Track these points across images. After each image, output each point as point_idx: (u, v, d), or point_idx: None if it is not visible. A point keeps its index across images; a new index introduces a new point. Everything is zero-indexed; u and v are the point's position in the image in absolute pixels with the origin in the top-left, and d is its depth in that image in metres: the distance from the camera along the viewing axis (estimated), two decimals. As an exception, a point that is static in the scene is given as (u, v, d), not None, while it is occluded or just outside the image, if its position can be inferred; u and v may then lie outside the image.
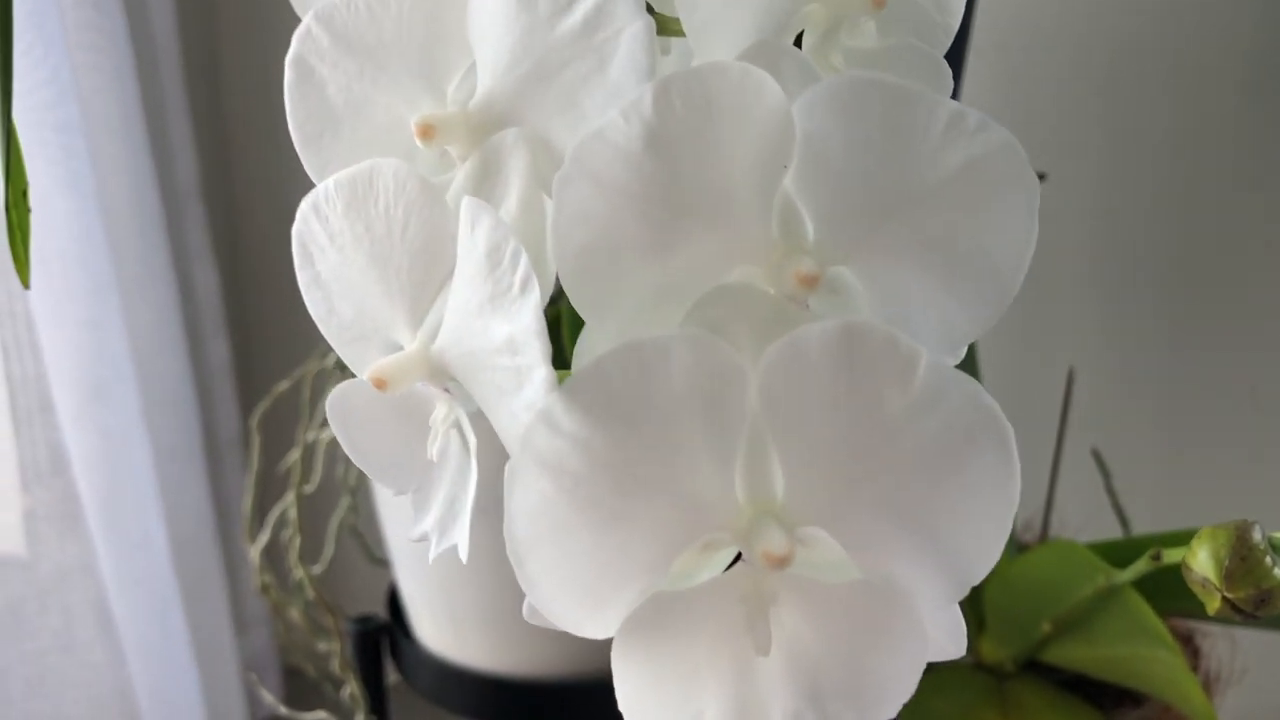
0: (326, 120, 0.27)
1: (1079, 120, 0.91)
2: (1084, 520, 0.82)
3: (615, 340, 0.25)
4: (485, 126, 0.26)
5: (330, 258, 0.27)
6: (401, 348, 0.27)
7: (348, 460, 0.82)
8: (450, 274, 0.26)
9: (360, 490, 0.86)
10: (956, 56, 0.59)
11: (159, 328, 1.08)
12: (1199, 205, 0.90)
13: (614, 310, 0.25)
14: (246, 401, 1.31)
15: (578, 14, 0.24)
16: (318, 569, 0.85)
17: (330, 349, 0.81)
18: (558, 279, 0.25)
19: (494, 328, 0.23)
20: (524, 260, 0.23)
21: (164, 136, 1.16)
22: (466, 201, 0.24)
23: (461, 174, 0.26)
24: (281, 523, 0.76)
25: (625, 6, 0.24)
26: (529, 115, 0.25)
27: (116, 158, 1.03)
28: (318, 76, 0.27)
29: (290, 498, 0.73)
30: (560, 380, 0.23)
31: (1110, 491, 0.79)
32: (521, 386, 0.23)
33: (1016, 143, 0.25)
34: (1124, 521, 0.79)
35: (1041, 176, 0.81)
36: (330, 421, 0.28)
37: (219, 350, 1.28)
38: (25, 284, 0.39)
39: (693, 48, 0.26)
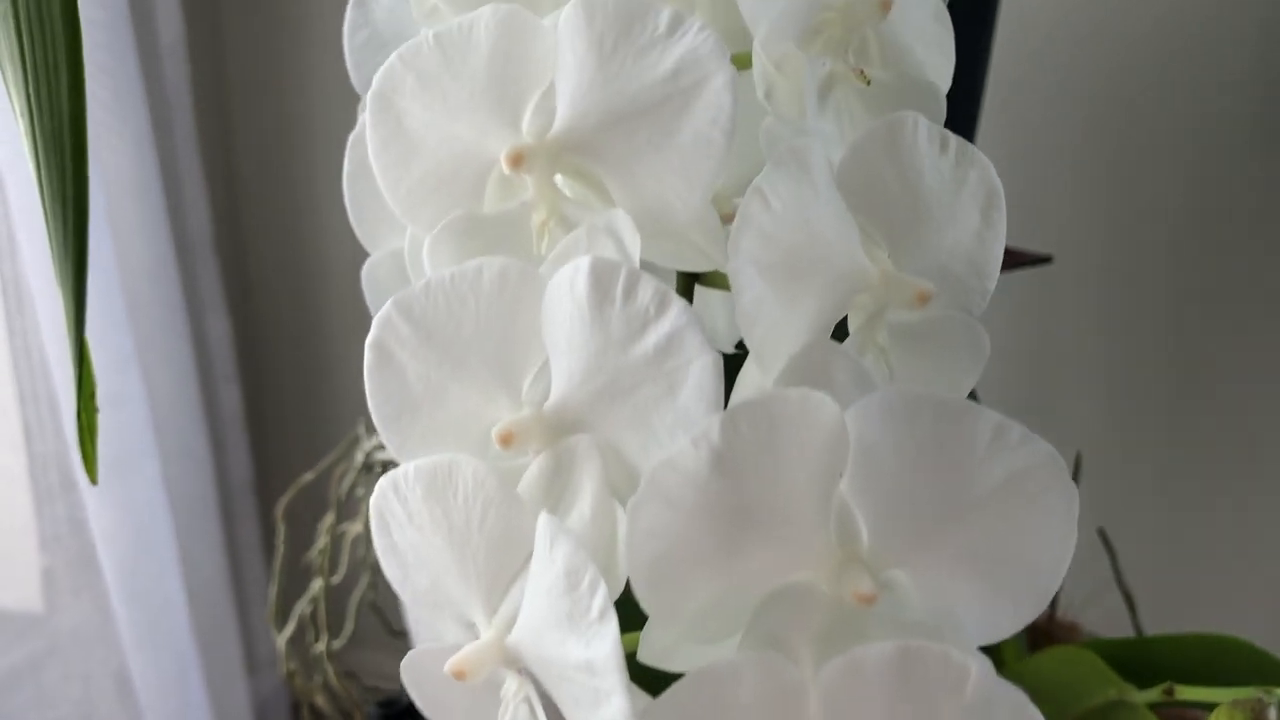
0: (405, 404, 0.29)
1: (1086, 201, 0.93)
2: (1088, 596, 0.84)
3: (680, 638, 0.27)
4: (559, 430, 0.27)
5: (408, 534, 0.29)
6: (474, 624, 0.29)
7: (368, 542, 0.83)
8: (525, 565, 0.28)
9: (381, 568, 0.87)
10: (969, 121, 0.61)
11: (177, 388, 1.09)
12: (1207, 289, 0.91)
13: (681, 612, 0.26)
14: (258, 448, 1.33)
15: (650, 342, 0.26)
16: (339, 643, 0.86)
17: (354, 442, 0.82)
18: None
19: (571, 647, 0.25)
20: (602, 590, 0.25)
21: (178, 193, 1.17)
22: (544, 520, 0.26)
23: (535, 468, 0.28)
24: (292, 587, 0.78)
25: (694, 340, 0.26)
26: (601, 424, 0.27)
27: (133, 215, 1.04)
28: (397, 362, 0.29)
29: (317, 586, 0.75)
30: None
31: (1116, 571, 0.81)
32: (599, 705, 0.25)
33: (1057, 455, 0.27)
34: (1130, 602, 0.82)
35: (1048, 260, 0.83)
36: (406, 685, 0.30)
37: (231, 398, 1.29)
38: (93, 481, 0.40)
39: (753, 354, 0.28)
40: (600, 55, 0.29)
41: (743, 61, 0.32)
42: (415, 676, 0.30)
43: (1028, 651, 0.68)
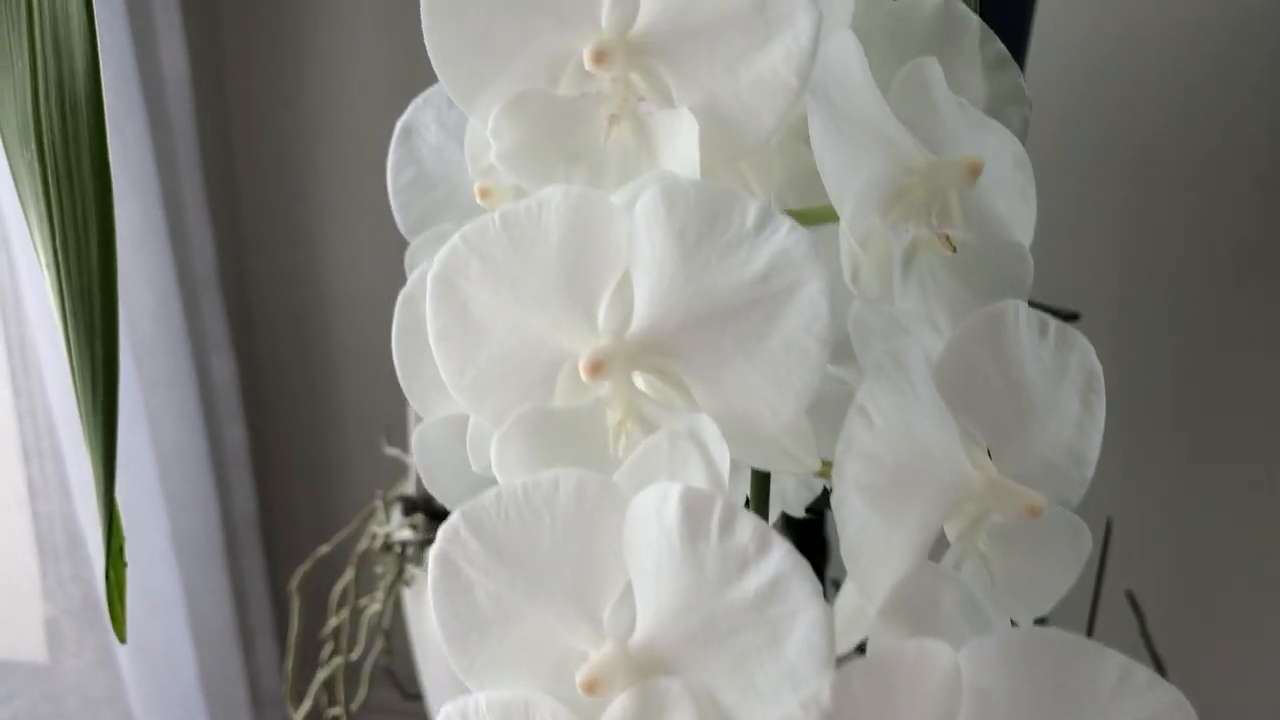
0: (474, 624, 0.27)
1: (1098, 253, 0.91)
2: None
3: None
4: (646, 669, 0.26)
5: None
6: None
7: (382, 606, 0.81)
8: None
9: (395, 632, 0.86)
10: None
11: (183, 435, 1.07)
12: (1222, 361, 0.90)
13: None
14: (262, 483, 1.31)
15: (750, 585, 0.24)
16: (354, 706, 0.85)
17: (370, 514, 0.80)
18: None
19: None
20: None
21: (182, 229, 1.15)
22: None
23: (619, 710, 0.26)
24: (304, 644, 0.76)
25: (801, 588, 0.24)
26: (693, 668, 0.25)
27: (136, 254, 1.02)
28: (465, 579, 0.27)
29: (336, 663, 0.73)
30: None
31: (1145, 635, 0.81)
32: None
33: (1185, 701, 0.25)
34: (1159, 665, 0.81)
35: (1076, 316, 0.81)
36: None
37: (235, 436, 1.27)
38: (121, 639, 0.38)
39: (855, 581, 0.26)
40: (682, 250, 0.27)
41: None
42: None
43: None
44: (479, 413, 0.30)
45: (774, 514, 0.35)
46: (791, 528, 0.38)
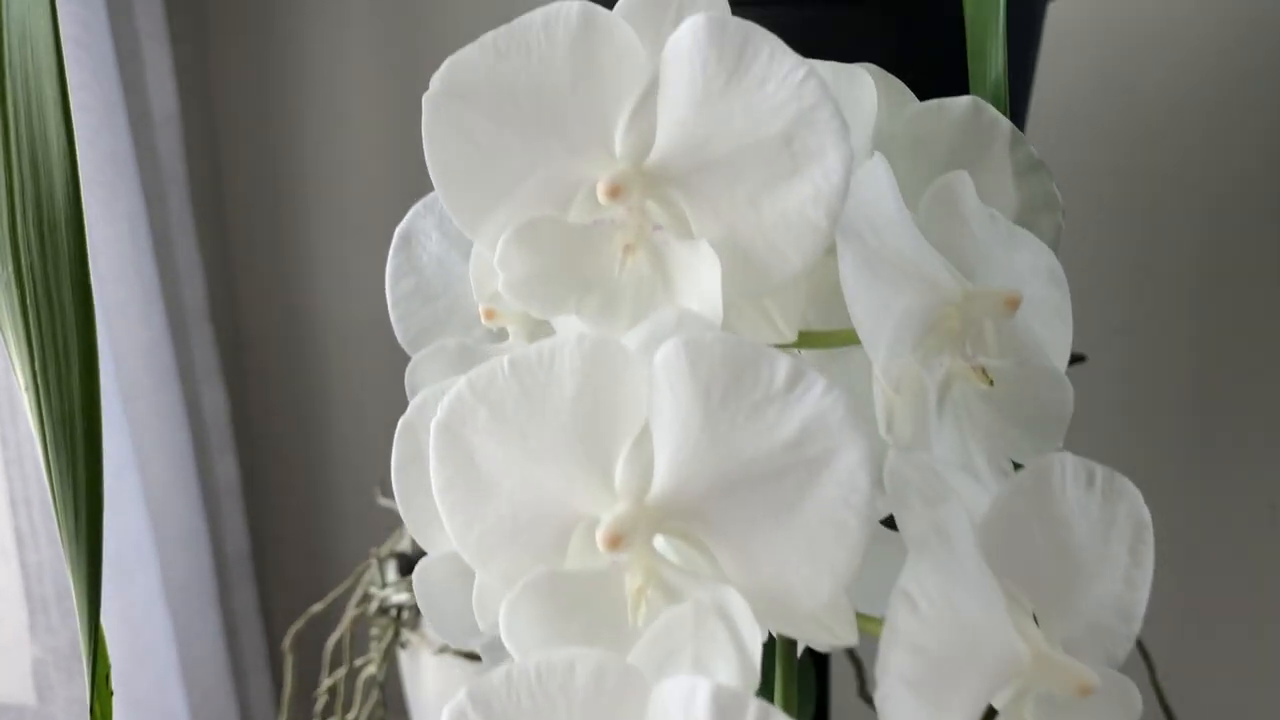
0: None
1: (1100, 283, 0.90)
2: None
3: None
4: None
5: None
6: None
7: (377, 669, 0.79)
8: None
9: (389, 685, 0.84)
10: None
11: (173, 471, 1.05)
12: (1226, 393, 0.89)
13: None
14: (254, 517, 1.29)
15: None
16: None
17: (366, 569, 0.78)
18: None
19: None
20: None
21: (172, 263, 1.13)
22: None
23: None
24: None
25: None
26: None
27: (126, 289, 1.00)
28: None
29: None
30: None
31: (1155, 685, 0.80)
32: None
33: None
34: (1169, 715, 0.81)
35: (1082, 359, 0.79)
36: None
37: (227, 468, 1.25)
38: (107, 774, 0.37)
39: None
40: (707, 409, 0.25)
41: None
42: None
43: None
44: (486, 572, 0.28)
45: (800, 645, 0.33)
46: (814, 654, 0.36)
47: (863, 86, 0.34)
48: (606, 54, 0.29)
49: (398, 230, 0.36)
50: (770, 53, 0.27)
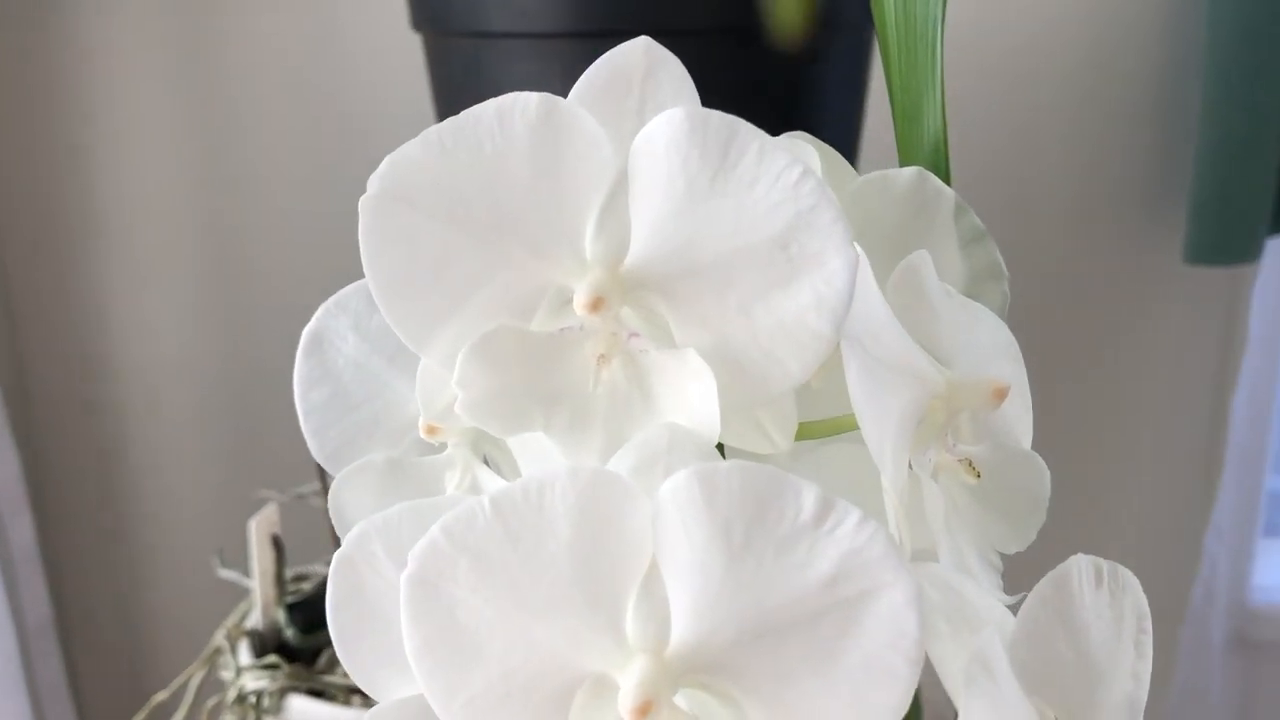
0: None
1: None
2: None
3: None
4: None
5: None
6: None
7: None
8: None
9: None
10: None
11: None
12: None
13: None
14: (57, 586, 1.18)
15: None
16: None
17: (216, 654, 0.72)
18: None
19: None
20: None
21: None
22: None
23: None
24: None
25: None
26: None
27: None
28: None
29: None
30: None
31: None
32: None
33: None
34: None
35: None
36: None
37: (23, 534, 1.14)
38: None
39: None
40: (728, 550, 0.23)
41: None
42: None
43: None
44: (478, 741, 0.25)
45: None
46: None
47: (810, 160, 0.32)
48: (570, 148, 0.26)
49: (305, 332, 0.32)
50: (759, 149, 0.25)
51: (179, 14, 0.97)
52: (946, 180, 0.34)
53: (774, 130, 0.30)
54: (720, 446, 0.27)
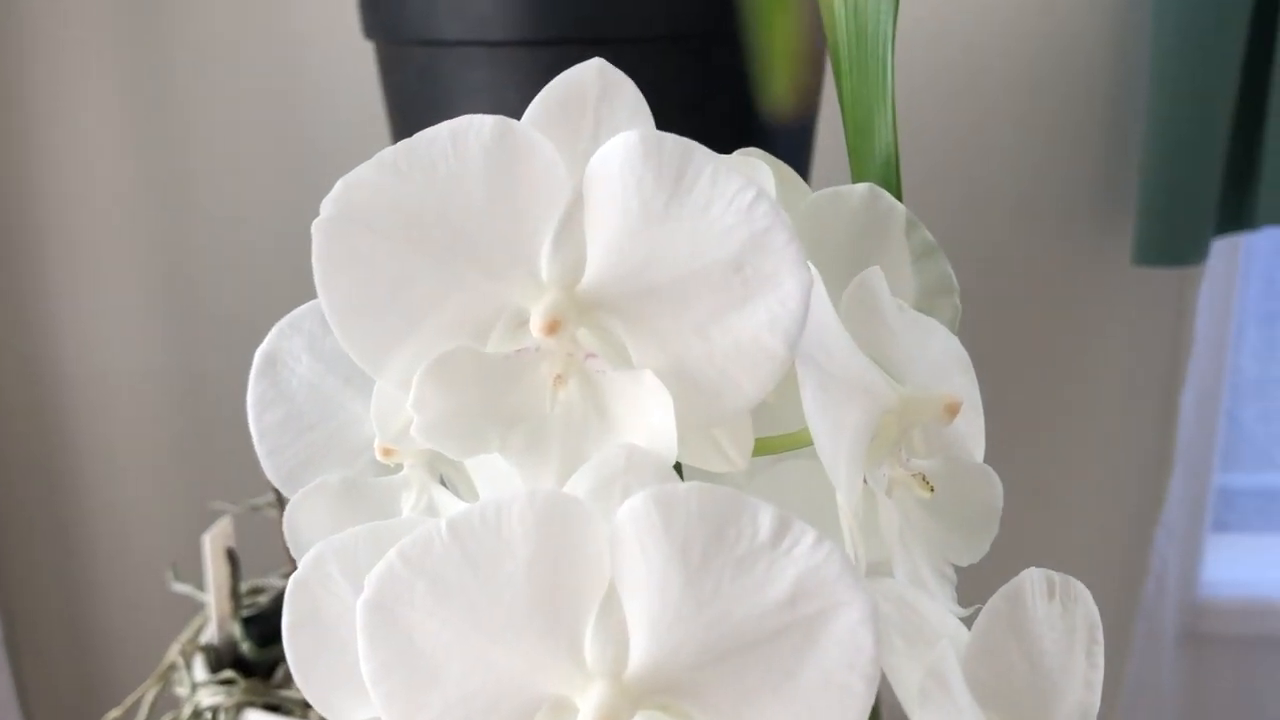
0: None
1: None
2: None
3: None
4: None
5: None
6: None
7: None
8: None
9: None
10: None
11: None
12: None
13: None
14: (3, 600, 1.16)
15: None
16: None
17: (170, 670, 0.71)
18: None
19: None
20: None
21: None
22: None
23: None
24: None
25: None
26: None
27: None
28: None
29: None
30: None
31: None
32: None
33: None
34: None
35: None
36: None
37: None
38: None
39: None
40: (686, 570, 0.23)
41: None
42: None
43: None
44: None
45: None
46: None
47: (764, 179, 0.32)
48: (525, 170, 0.26)
49: (259, 353, 0.32)
50: (713, 172, 0.25)
51: (129, 17, 0.96)
52: (898, 194, 0.35)
53: (727, 140, 0.31)
54: (678, 466, 0.28)
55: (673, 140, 0.25)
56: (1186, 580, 1.13)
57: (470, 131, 0.26)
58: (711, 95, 0.64)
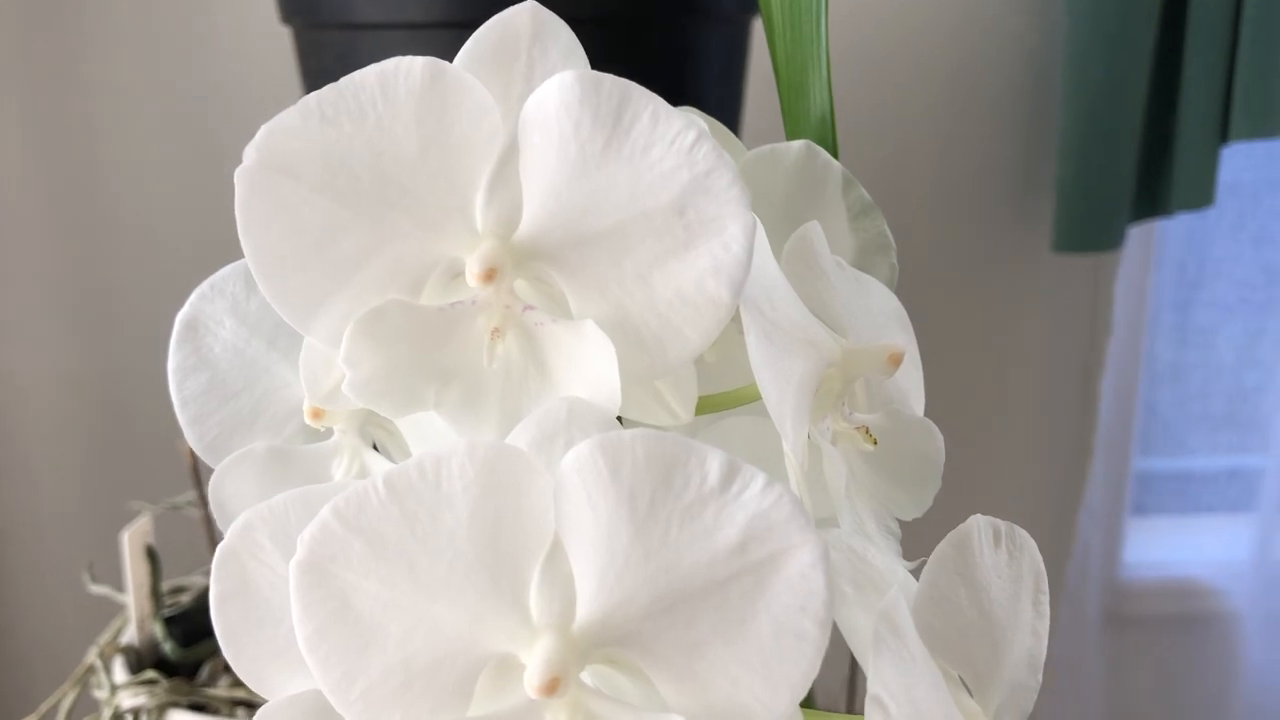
0: None
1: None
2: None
3: None
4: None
5: None
6: None
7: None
8: None
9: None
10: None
11: None
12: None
13: None
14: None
15: None
16: None
17: (88, 673, 0.69)
18: None
19: None
20: None
21: None
22: None
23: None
24: None
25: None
26: None
27: None
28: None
29: None
30: None
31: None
32: None
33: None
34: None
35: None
36: None
37: None
38: None
39: None
40: (633, 519, 0.23)
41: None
42: None
43: None
44: (377, 730, 0.24)
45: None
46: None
47: (703, 124, 0.32)
48: (458, 115, 0.25)
49: (179, 318, 0.30)
50: (653, 113, 0.25)
51: (33, 5, 0.93)
52: (834, 153, 0.34)
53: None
54: (620, 420, 0.27)
55: (610, 80, 0.25)
56: (1108, 563, 1.15)
57: (399, 74, 0.25)
58: (639, 80, 0.63)
